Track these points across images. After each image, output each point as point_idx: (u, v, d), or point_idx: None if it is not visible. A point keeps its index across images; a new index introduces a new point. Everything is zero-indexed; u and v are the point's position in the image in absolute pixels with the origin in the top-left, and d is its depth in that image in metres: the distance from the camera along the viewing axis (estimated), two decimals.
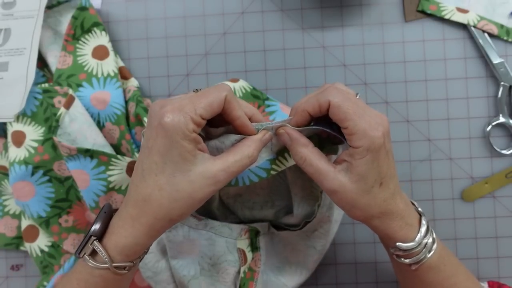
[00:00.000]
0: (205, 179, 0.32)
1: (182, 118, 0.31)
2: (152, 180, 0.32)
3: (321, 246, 0.47)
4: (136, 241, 0.33)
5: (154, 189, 0.32)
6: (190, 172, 0.32)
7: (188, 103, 0.31)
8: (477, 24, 0.51)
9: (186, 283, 0.45)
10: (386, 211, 0.35)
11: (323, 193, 0.43)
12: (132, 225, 0.33)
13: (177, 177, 0.32)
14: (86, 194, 0.47)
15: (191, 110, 0.31)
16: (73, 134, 0.47)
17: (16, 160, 0.48)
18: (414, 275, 0.38)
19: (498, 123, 0.51)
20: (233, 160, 0.33)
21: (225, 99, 0.32)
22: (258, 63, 0.53)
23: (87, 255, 0.34)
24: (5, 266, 0.54)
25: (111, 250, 0.33)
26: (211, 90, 0.33)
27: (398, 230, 0.35)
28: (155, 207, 0.32)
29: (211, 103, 0.32)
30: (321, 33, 0.53)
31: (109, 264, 0.33)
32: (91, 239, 0.33)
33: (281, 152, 0.37)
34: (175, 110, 0.31)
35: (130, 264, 0.34)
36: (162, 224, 0.33)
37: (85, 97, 0.50)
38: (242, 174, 0.38)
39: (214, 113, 0.32)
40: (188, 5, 0.53)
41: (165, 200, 0.32)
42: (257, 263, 0.45)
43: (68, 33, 0.51)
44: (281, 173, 0.48)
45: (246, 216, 0.48)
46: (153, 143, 0.32)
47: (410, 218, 0.36)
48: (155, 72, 0.54)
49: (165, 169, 0.32)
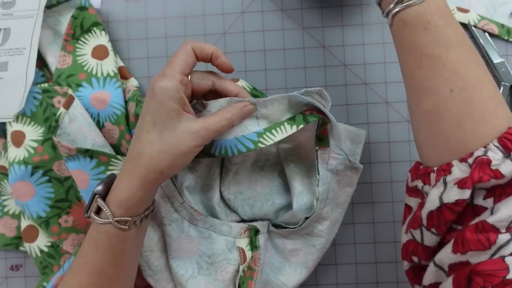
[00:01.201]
0: (189, 134, 0.37)
1: (167, 80, 0.36)
2: (144, 137, 0.37)
3: (320, 245, 0.47)
4: (132, 194, 0.37)
5: (146, 144, 0.37)
6: (175, 129, 0.37)
7: (167, 68, 0.37)
8: (478, 24, 0.51)
9: (184, 283, 0.45)
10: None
11: (320, 187, 0.43)
12: (128, 178, 0.37)
13: (164, 133, 0.37)
14: (86, 194, 0.47)
15: (170, 71, 0.37)
16: (73, 134, 0.47)
17: (15, 160, 0.48)
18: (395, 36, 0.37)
19: None
20: (213, 120, 0.38)
21: (192, 48, 0.38)
22: (258, 63, 0.53)
23: (93, 213, 0.38)
24: (4, 266, 0.54)
25: (112, 205, 0.37)
26: (178, 49, 0.39)
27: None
28: (147, 160, 0.37)
29: (183, 57, 0.38)
30: (321, 33, 0.53)
31: (111, 218, 0.37)
32: (95, 197, 0.38)
33: (269, 128, 0.41)
34: (160, 77, 0.37)
35: (129, 219, 0.38)
36: (154, 176, 0.37)
37: (84, 97, 0.49)
38: (230, 143, 0.41)
39: (191, 65, 0.38)
40: (188, 5, 0.53)
41: (155, 152, 0.37)
42: (257, 262, 0.45)
43: (68, 32, 0.51)
44: (281, 171, 0.48)
45: (247, 213, 0.48)
46: (146, 107, 0.37)
47: None
48: (155, 72, 0.54)
49: (155, 127, 0.37)
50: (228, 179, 0.47)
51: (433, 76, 0.34)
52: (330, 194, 0.44)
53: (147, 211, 0.40)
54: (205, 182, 0.48)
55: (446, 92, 0.33)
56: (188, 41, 0.39)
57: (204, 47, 0.39)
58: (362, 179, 0.50)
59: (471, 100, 0.33)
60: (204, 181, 0.48)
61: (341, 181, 0.45)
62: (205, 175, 0.47)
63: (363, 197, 0.52)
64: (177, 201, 0.44)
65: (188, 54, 0.38)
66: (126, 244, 0.39)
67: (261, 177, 0.48)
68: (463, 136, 0.33)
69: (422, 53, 0.34)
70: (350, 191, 0.46)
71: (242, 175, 0.47)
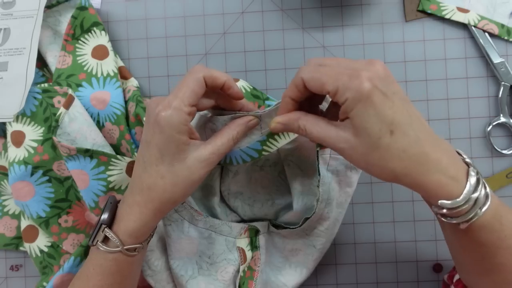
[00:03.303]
0: (199, 162, 0.36)
1: (174, 113, 0.34)
2: (154, 170, 0.36)
3: (321, 245, 0.47)
4: (144, 224, 0.37)
5: (157, 178, 0.36)
6: (186, 159, 0.36)
7: (174, 98, 0.35)
8: (478, 24, 0.51)
9: (184, 283, 0.45)
10: (413, 163, 0.30)
11: (320, 188, 0.43)
12: (139, 210, 0.37)
13: (175, 165, 0.36)
14: (86, 194, 0.47)
15: (179, 103, 0.35)
16: (73, 134, 0.47)
17: (15, 160, 0.48)
18: (463, 234, 0.32)
19: (498, 123, 0.51)
20: (221, 143, 0.37)
21: (203, 78, 0.36)
22: (258, 63, 0.53)
23: (99, 242, 0.37)
24: (4, 266, 0.54)
25: (121, 235, 0.37)
26: (188, 77, 0.36)
27: (438, 186, 0.30)
28: (160, 193, 0.36)
29: (193, 88, 0.35)
30: (321, 33, 0.53)
31: (121, 247, 0.37)
32: (102, 227, 0.37)
33: (271, 135, 0.40)
34: (166, 108, 0.35)
35: (139, 245, 0.38)
36: (167, 207, 0.37)
37: (84, 97, 0.49)
38: (235, 154, 0.41)
39: (200, 95, 0.36)
40: (188, 5, 0.53)
41: (167, 186, 0.36)
42: (257, 262, 0.45)
43: (68, 32, 0.51)
44: (282, 171, 0.48)
45: (247, 213, 0.48)
46: (151, 138, 0.36)
47: (453, 169, 0.31)
48: (155, 72, 0.54)
49: (164, 160, 0.36)
50: (228, 179, 0.47)
51: (509, 262, 0.32)
52: (331, 195, 0.44)
53: (153, 231, 0.41)
54: (205, 182, 0.48)
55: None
56: (199, 68, 0.37)
57: (216, 76, 0.37)
58: (362, 179, 0.50)
59: None
60: (204, 181, 0.48)
61: (341, 182, 0.45)
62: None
63: (363, 197, 0.52)
64: None
65: (199, 85, 0.36)
66: (133, 267, 0.39)
67: (261, 177, 0.48)
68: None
69: (499, 246, 0.32)
70: (350, 191, 0.46)
71: (242, 175, 0.47)
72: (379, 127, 0.30)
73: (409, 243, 0.52)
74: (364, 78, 0.30)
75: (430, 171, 0.30)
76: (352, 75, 0.30)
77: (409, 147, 0.30)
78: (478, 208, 0.31)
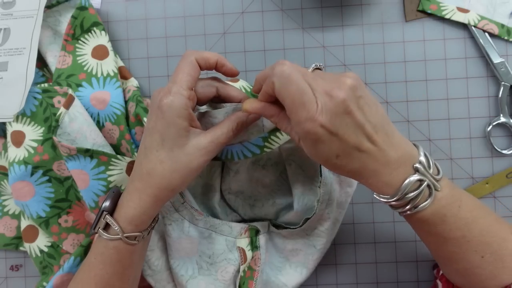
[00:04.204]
0: (198, 150, 0.37)
1: (174, 98, 0.36)
2: (154, 155, 0.37)
3: (321, 245, 0.47)
4: (143, 211, 0.37)
5: (156, 163, 0.37)
6: (185, 146, 0.37)
7: (172, 84, 0.36)
8: (478, 24, 0.51)
9: (184, 283, 0.45)
10: (353, 175, 0.35)
11: (322, 188, 0.43)
12: (139, 197, 0.37)
13: (175, 151, 0.36)
14: (86, 194, 0.47)
15: (178, 88, 0.36)
16: (73, 134, 0.47)
17: (15, 160, 0.48)
18: (413, 223, 0.37)
19: (498, 123, 0.51)
20: (221, 132, 0.38)
21: (195, 60, 0.37)
22: (258, 63, 0.53)
23: (101, 229, 0.38)
24: (4, 266, 0.54)
25: (122, 222, 0.38)
26: (181, 62, 0.38)
27: (375, 187, 0.35)
28: (159, 179, 0.37)
29: (188, 72, 0.37)
30: (321, 33, 0.53)
31: (121, 235, 0.37)
32: (103, 214, 0.38)
33: (273, 132, 0.40)
34: (166, 94, 0.36)
35: (139, 234, 0.38)
36: (166, 194, 0.38)
37: (84, 97, 0.49)
38: (237, 149, 0.41)
39: (196, 78, 0.37)
40: (188, 5, 0.53)
41: (166, 171, 0.36)
42: (257, 262, 0.45)
43: (68, 32, 0.51)
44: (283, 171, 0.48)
45: (247, 213, 0.48)
46: (154, 124, 0.37)
47: (391, 176, 0.34)
48: (155, 72, 0.54)
49: (165, 145, 0.36)
50: (229, 179, 0.47)
51: (461, 251, 0.35)
52: (332, 195, 0.44)
53: (154, 222, 0.41)
54: (205, 182, 0.48)
55: (477, 259, 0.35)
56: (189, 52, 0.38)
57: (207, 56, 0.38)
58: None
59: (502, 257, 0.35)
60: (205, 181, 0.48)
61: (342, 182, 0.45)
62: (206, 175, 0.47)
63: (363, 197, 0.52)
64: (177, 201, 0.44)
65: (193, 67, 0.37)
66: (134, 257, 0.39)
67: (262, 177, 0.48)
68: (501, 282, 0.36)
69: (445, 237, 0.35)
70: (350, 191, 0.46)
71: (243, 175, 0.47)
72: (326, 155, 0.34)
73: (409, 243, 0.52)
74: (310, 125, 0.32)
75: (367, 178, 0.34)
76: (308, 119, 0.32)
77: (352, 166, 0.34)
78: (413, 206, 0.34)
